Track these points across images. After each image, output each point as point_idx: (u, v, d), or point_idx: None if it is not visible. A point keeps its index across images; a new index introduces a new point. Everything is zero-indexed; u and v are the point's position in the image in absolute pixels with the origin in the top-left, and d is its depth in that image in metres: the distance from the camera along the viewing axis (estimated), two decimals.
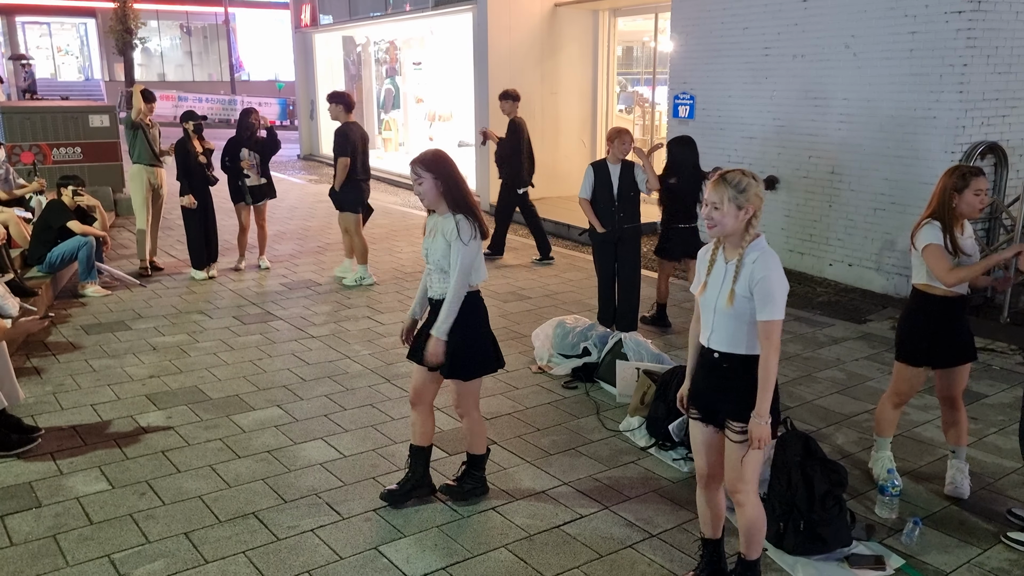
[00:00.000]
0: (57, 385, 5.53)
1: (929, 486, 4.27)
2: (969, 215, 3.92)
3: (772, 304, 2.93)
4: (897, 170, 7.78)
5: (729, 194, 2.94)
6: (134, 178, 8.41)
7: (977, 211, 3.90)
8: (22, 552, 3.61)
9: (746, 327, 2.99)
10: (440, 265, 3.78)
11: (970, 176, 3.88)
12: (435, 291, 3.87)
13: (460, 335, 3.81)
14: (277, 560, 3.58)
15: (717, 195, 2.97)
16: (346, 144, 7.92)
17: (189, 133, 8.18)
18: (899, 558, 3.62)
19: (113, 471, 4.36)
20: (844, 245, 8.41)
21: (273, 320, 7.08)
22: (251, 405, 5.25)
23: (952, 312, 3.98)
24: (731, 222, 2.96)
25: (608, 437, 4.86)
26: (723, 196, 2.95)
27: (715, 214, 2.98)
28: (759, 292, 2.93)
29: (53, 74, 38.68)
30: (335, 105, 8.07)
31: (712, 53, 9.62)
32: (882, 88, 7.82)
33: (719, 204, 2.96)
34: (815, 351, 6.34)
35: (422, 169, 3.73)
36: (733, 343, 3.03)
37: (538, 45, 12.55)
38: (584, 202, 6.43)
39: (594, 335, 5.94)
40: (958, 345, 4.03)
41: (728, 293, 2.98)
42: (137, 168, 8.38)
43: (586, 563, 3.59)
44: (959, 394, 4.15)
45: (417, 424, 4.06)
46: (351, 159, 7.94)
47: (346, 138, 7.93)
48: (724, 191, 2.95)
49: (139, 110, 8.17)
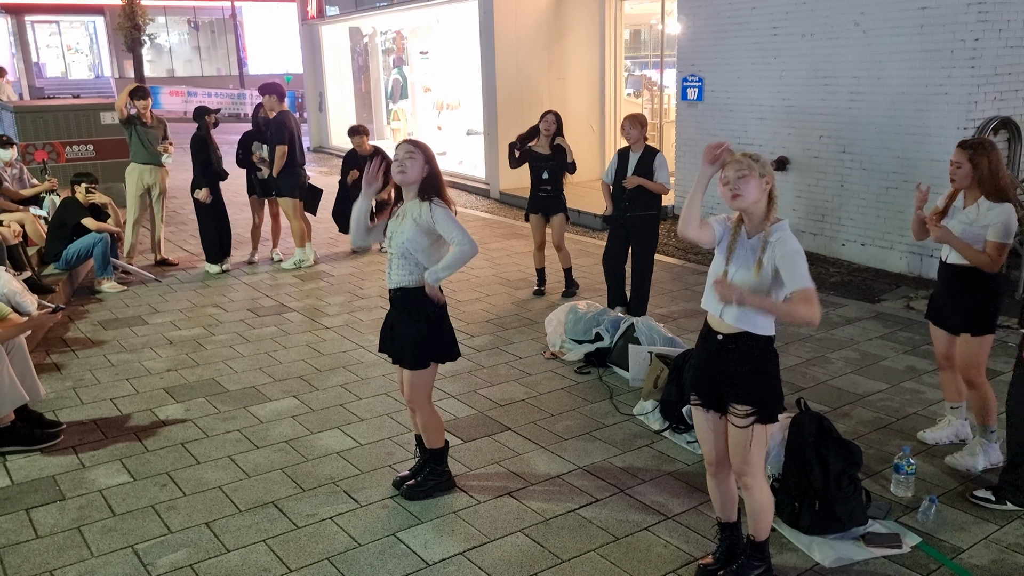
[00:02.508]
0: (77, 380, 5.60)
1: (944, 464, 4.27)
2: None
3: (801, 275, 2.93)
4: (909, 148, 7.72)
5: (748, 162, 2.95)
6: (129, 175, 8.50)
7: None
8: (48, 544, 3.67)
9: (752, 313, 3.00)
10: (403, 250, 3.73)
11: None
12: (394, 280, 3.79)
13: (415, 324, 3.80)
14: (297, 548, 3.63)
15: (741, 164, 2.95)
16: (283, 132, 8.17)
17: (209, 127, 8.22)
18: (915, 536, 3.63)
19: (134, 463, 4.42)
20: (856, 224, 8.37)
21: (287, 312, 7.13)
22: (268, 396, 5.31)
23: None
24: (755, 192, 2.95)
25: (622, 421, 4.89)
26: (747, 163, 2.95)
27: (740, 183, 2.95)
28: (785, 266, 2.94)
29: (64, 73, 38.88)
30: (269, 96, 8.36)
31: (720, 34, 9.56)
32: (892, 65, 7.75)
33: (745, 171, 2.93)
34: (828, 331, 6.33)
35: (417, 149, 3.75)
36: (745, 319, 3.02)
37: (545, 30, 12.50)
38: (604, 185, 6.62)
39: (606, 320, 5.96)
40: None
41: (756, 264, 2.98)
42: (132, 167, 8.47)
43: (602, 546, 3.61)
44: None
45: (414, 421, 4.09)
46: (288, 146, 8.18)
47: (284, 126, 8.20)
48: (745, 160, 2.96)
49: (121, 107, 8.22)
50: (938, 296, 4.34)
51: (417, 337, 3.80)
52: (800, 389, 5.17)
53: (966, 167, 3.99)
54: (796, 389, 5.15)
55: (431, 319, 3.83)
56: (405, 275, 3.76)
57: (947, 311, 4.25)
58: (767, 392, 3.07)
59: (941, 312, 4.30)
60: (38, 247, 7.84)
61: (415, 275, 3.76)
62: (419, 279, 3.76)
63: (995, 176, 3.93)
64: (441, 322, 3.88)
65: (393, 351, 3.94)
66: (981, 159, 3.94)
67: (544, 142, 7.04)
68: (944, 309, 4.27)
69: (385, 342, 3.98)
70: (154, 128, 8.40)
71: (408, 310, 3.82)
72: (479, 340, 6.25)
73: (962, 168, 4.01)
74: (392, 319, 3.93)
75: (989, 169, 3.93)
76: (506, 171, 12.52)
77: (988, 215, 3.95)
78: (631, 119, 6.36)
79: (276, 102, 8.29)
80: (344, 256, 9.15)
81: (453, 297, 7.40)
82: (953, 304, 4.20)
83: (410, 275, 3.75)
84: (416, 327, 3.80)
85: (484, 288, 7.75)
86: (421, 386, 3.91)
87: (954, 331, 4.23)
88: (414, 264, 3.74)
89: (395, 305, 3.88)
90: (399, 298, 3.83)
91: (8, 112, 11.86)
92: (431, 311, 3.82)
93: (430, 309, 3.81)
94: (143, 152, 8.39)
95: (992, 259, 3.95)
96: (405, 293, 3.79)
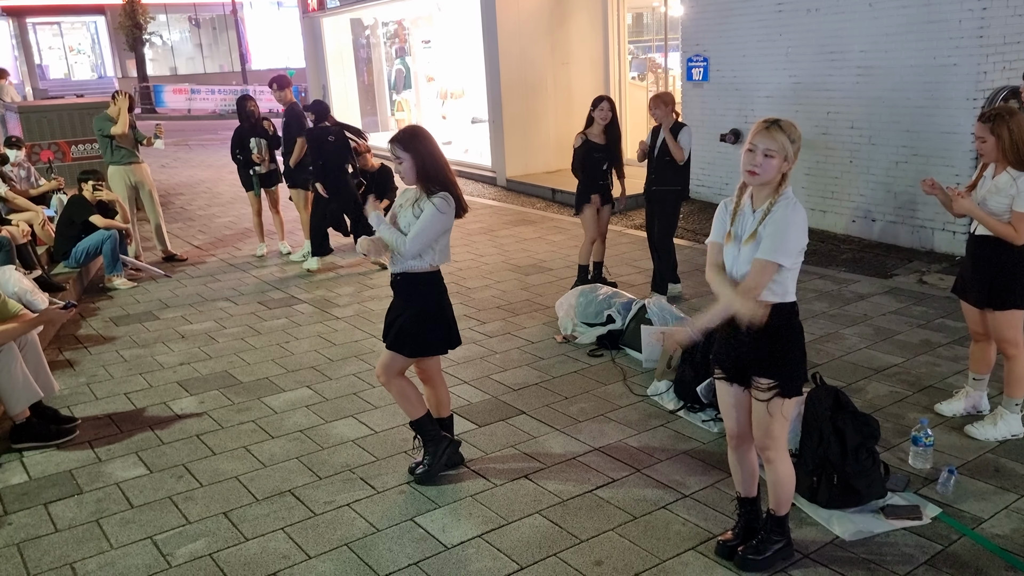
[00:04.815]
0: (90, 376, 5.62)
1: (962, 435, 4.24)
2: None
3: (780, 245, 2.83)
4: (918, 121, 7.65)
5: (783, 143, 2.84)
6: (112, 178, 8.43)
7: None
8: (67, 537, 3.69)
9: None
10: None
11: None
12: (397, 266, 3.82)
13: (413, 311, 3.81)
14: (315, 535, 3.64)
15: (775, 143, 2.84)
16: (303, 123, 8.08)
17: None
18: (935, 507, 3.61)
19: (150, 456, 4.43)
20: (867, 200, 8.31)
21: (297, 303, 7.13)
22: (281, 387, 5.31)
23: None
24: (774, 173, 2.88)
25: (636, 402, 4.87)
26: (781, 143, 2.84)
27: (764, 161, 2.85)
28: (771, 229, 2.86)
29: (67, 74, 38.93)
30: (281, 90, 8.22)
31: (724, 13, 9.48)
32: (900, 38, 7.67)
33: (775, 152, 2.83)
34: (841, 308, 6.28)
35: (400, 150, 3.70)
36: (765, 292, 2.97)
37: (547, 16, 12.42)
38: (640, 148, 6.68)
39: (617, 303, 5.93)
40: None
41: (751, 234, 2.92)
42: (113, 170, 8.44)
43: (620, 525, 3.60)
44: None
45: (432, 398, 4.11)
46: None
47: (301, 117, 8.12)
48: (782, 139, 2.84)
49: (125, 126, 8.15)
50: (964, 269, 4.29)
51: (404, 321, 3.82)
52: (816, 365, 5.14)
53: (990, 140, 3.90)
54: (811, 365, 5.09)
55: (425, 308, 3.85)
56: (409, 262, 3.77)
57: (970, 285, 4.19)
58: (790, 366, 3.03)
59: (965, 286, 4.25)
60: (47, 246, 7.86)
61: (417, 261, 3.77)
62: (422, 265, 3.78)
63: (1019, 144, 3.85)
64: (434, 316, 3.89)
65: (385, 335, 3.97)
66: (1001, 129, 3.86)
67: (599, 131, 6.67)
68: (968, 283, 4.21)
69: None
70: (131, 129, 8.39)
71: (405, 295, 3.86)
72: (490, 326, 6.23)
73: (987, 142, 3.92)
74: (394, 306, 3.96)
75: (1011, 138, 3.85)
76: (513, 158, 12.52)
77: (1017, 183, 3.87)
78: (655, 99, 6.46)
79: (288, 94, 8.27)
80: (351, 247, 9.14)
81: (463, 284, 7.39)
82: (976, 278, 4.14)
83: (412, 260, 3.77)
84: (408, 312, 3.82)
85: (494, 275, 7.73)
86: (389, 364, 3.90)
87: (976, 305, 4.17)
88: None
89: (396, 291, 3.91)
90: (399, 283, 3.86)
91: (13, 113, 11.89)
92: (427, 301, 3.84)
93: (427, 299, 3.84)
94: (120, 152, 8.37)
95: (1018, 231, 3.87)
96: (405, 278, 3.83)
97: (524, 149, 12.52)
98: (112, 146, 8.34)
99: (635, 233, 9.11)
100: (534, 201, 11.50)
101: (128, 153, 8.42)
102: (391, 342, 3.89)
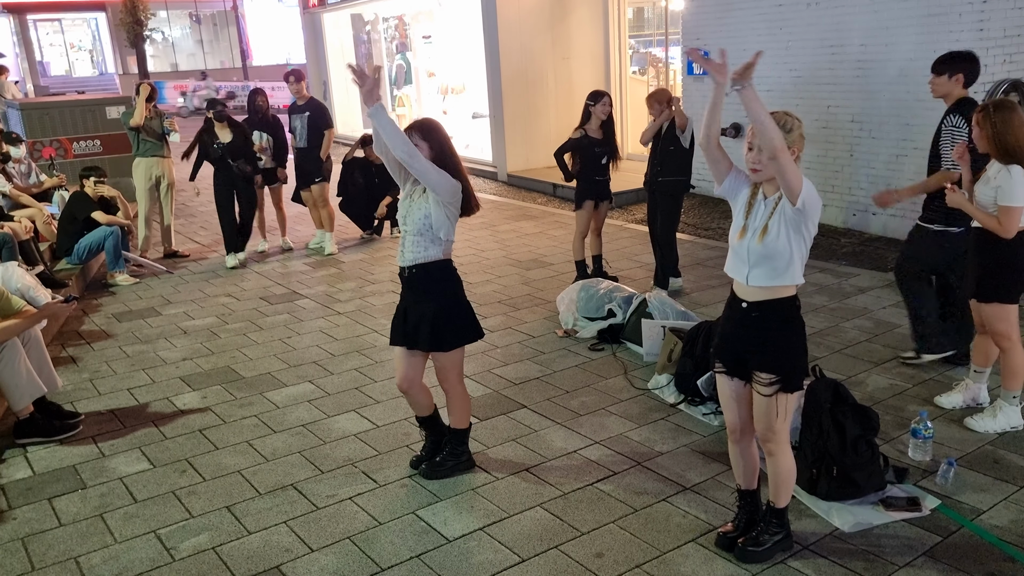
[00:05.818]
0: (93, 372, 5.64)
1: (961, 428, 4.25)
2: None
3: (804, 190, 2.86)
4: (919, 114, 7.64)
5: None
6: (136, 169, 8.48)
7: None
8: (71, 532, 3.71)
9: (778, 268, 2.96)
10: (420, 227, 3.67)
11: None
12: (408, 258, 3.72)
13: (437, 305, 3.74)
14: (318, 528, 3.66)
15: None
16: (329, 116, 8.25)
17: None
18: (934, 499, 3.62)
19: (153, 451, 4.45)
20: (867, 194, 8.30)
21: (299, 299, 7.15)
22: (283, 382, 5.33)
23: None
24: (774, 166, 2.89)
25: (637, 396, 4.89)
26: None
27: (761, 157, 2.89)
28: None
29: (68, 71, 38.93)
30: (300, 83, 8.31)
31: (725, 7, 9.47)
32: (900, 31, 7.67)
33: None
34: (841, 301, 6.29)
35: (419, 137, 3.68)
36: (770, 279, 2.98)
37: (547, 10, 12.41)
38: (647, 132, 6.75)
39: (618, 297, 5.94)
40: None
41: (761, 229, 2.94)
42: (138, 161, 8.46)
43: (621, 518, 3.62)
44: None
45: (414, 404, 4.05)
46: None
47: (327, 110, 8.25)
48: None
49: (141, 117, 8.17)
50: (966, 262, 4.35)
51: (433, 315, 3.74)
52: (815, 358, 5.15)
53: (979, 133, 3.96)
54: (811, 358, 5.11)
55: (447, 296, 3.79)
56: (420, 251, 3.70)
57: (967, 276, 4.24)
58: (791, 361, 3.05)
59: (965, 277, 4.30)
60: (49, 243, 7.88)
61: (431, 251, 3.71)
62: (435, 255, 3.72)
63: (1001, 136, 3.86)
64: (458, 300, 3.85)
65: (407, 336, 3.81)
66: (986, 121, 3.90)
67: (597, 126, 6.65)
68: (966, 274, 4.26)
69: (398, 331, 3.86)
70: (153, 120, 8.41)
71: (422, 288, 3.76)
72: (491, 321, 6.25)
73: (979, 135, 3.98)
74: (406, 301, 3.84)
75: (994, 131, 3.88)
76: (514, 153, 12.52)
77: (998, 177, 3.91)
78: (649, 99, 6.54)
79: (306, 87, 8.39)
80: (354, 243, 9.16)
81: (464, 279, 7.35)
82: (968, 270, 4.20)
83: (425, 251, 3.70)
84: (431, 305, 3.74)
85: (495, 269, 7.74)
86: (451, 367, 3.88)
87: (967, 296, 4.23)
88: (430, 240, 3.70)
89: (409, 285, 3.80)
90: (414, 275, 3.74)
91: (15, 110, 11.90)
92: (448, 287, 3.79)
93: (447, 286, 3.79)
94: (145, 144, 8.39)
95: (1001, 224, 3.90)
96: (420, 269, 3.73)
97: (525, 144, 12.52)
98: (138, 138, 8.36)
99: (636, 227, 9.12)
100: (535, 196, 11.51)
101: (153, 145, 8.42)
102: (431, 342, 3.75)
